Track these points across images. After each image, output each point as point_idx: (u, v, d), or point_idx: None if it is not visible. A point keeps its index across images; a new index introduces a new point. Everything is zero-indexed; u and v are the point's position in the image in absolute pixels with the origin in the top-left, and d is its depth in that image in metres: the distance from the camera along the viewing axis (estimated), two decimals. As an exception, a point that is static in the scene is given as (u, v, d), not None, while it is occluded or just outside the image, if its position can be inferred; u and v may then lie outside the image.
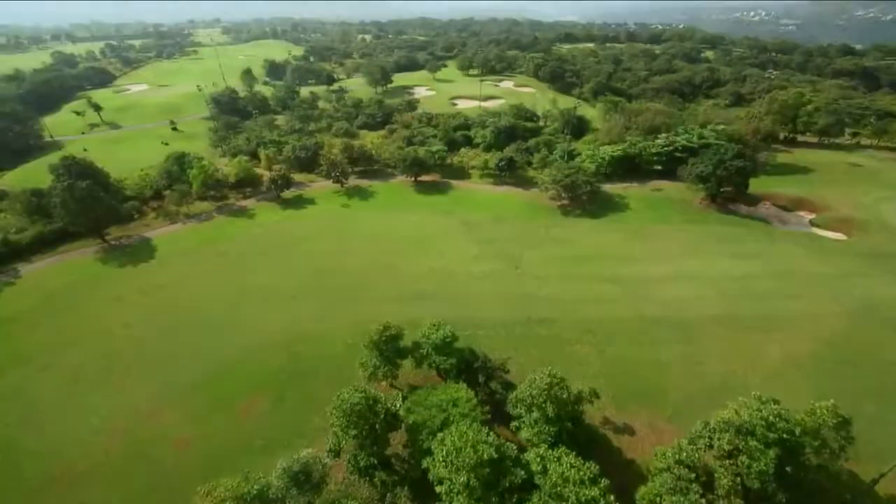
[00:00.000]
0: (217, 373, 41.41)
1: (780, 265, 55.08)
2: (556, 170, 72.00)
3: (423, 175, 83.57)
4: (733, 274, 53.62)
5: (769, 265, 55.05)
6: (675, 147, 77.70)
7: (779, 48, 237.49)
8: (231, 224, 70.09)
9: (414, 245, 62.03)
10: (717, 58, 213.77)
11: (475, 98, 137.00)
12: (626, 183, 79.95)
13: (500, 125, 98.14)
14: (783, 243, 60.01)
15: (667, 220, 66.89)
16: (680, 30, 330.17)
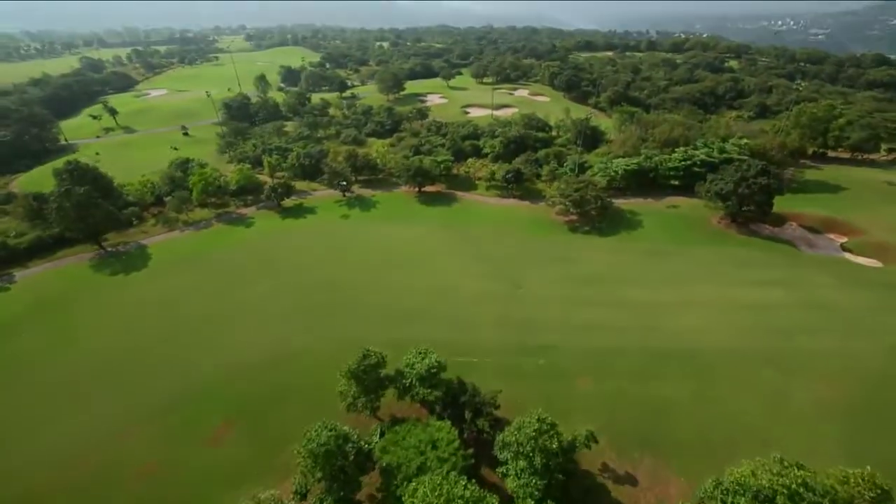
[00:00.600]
0: (193, 394, 39.29)
1: (806, 295, 50.35)
2: (564, 183, 68.62)
3: (427, 185, 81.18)
4: (753, 303, 49.17)
5: (794, 294, 50.38)
6: (694, 161, 73.41)
7: (808, 58, 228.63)
8: (228, 233, 68.79)
9: (412, 260, 59.40)
10: (742, 67, 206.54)
11: (488, 107, 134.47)
12: (639, 198, 75.90)
13: (509, 135, 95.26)
14: (810, 270, 55.15)
15: (682, 241, 62.65)
16: (703, 39, 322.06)
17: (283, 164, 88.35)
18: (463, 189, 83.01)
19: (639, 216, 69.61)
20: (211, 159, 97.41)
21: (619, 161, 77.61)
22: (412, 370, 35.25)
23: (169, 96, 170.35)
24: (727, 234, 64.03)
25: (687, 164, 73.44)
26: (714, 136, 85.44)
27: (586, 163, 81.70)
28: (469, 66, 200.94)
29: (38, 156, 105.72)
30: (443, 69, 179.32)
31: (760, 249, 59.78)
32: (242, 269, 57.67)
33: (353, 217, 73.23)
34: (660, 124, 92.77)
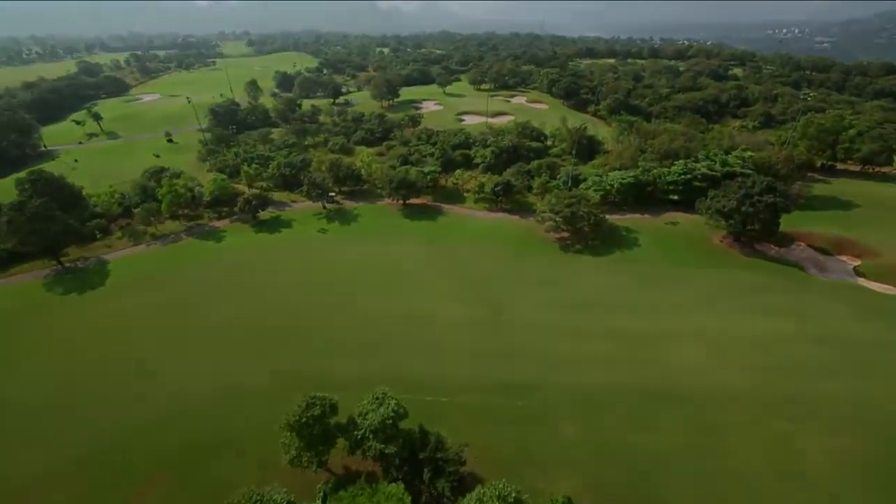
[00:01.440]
0: (120, 441, 34.74)
1: (818, 326, 45.53)
2: (555, 198, 64.16)
3: (412, 198, 76.92)
4: (759, 336, 44.39)
5: (804, 326, 45.56)
6: (694, 175, 68.82)
7: (813, 66, 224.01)
8: (196, 248, 64.64)
9: (387, 281, 54.97)
10: (746, 75, 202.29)
11: (484, 114, 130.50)
12: (636, 214, 71.31)
13: (502, 144, 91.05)
14: (822, 297, 50.29)
15: (681, 262, 57.92)
16: (707, 46, 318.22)
17: (263, 174, 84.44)
18: (450, 201, 78.70)
19: (635, 234, 64.98)
20: (191, 167, 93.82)
21: (614, 174, 73.16)
22: (365, 420, 30.71)
23: (160, 101, 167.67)
24: (730, 255, 59.25)
25: (687, 178, 68.89)
26: (716, 147, 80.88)
27: (581, 175, 77.26)
28: (468, 72, 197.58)
29: (16, 163, 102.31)
30: (440, 75, 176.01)
31: (766, 273, 54.95)
32: (203, 290, 53.38)
33: (330, 232, 68.98)
34: (660, 134, 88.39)
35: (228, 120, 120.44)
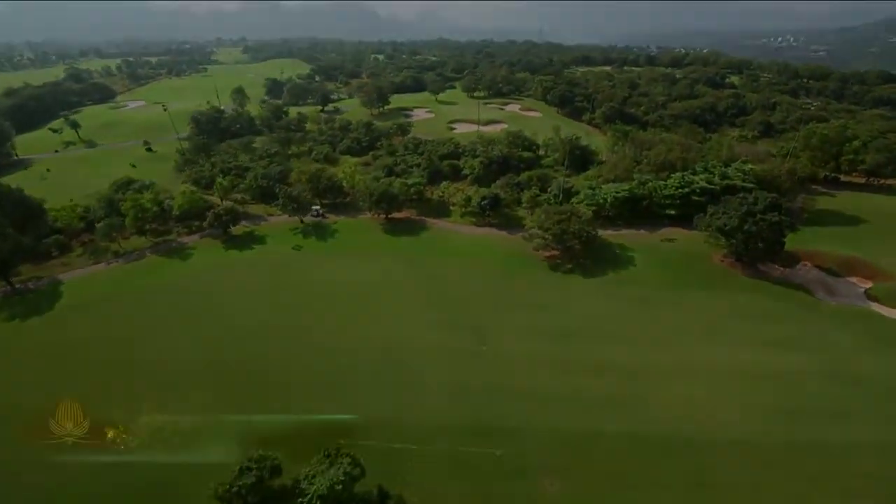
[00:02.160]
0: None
1: (829, 360, 41.35)
2: (544, 213, 60.09)
3: (395, 212, 72.84)
4: (766, 372, 40.17)
5: (815, 359, 41.37)
6: (693, 189, 64.95)
7: (811, 74, 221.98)
8: (160, 267, 60.23)
9: (362, 305, 50.61)
10: (744, 83, 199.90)
11: (475, 122, 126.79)
12: (631, 229, 67.33)
13: (491, 154, 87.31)
14: (832, 325, 46.17)
15: (679, 284, 53.78)
16: (703, 54, 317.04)
17: (240, 186, 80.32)
18: (436, 215, 74.59)
19: (629, 252, 60.89)
20: (166, 178, 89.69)
21: (608, 187, 69.25)
22: (311, 485, 26.30)
23: (145, 108, 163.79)
24: (731, 276, 55.16)
25: (684, 191, 65.00)
26: (715, 158, 77.18)
27: (573, 188, 73.34)
28: (462, 79, 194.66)
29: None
30: (433, 82, 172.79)
31: (771, 297, 50.83)
32: (158, 316, 48.86)
33: (306, 248, 64.68)
34: (656, 144, 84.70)
35: (212, 128, 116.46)
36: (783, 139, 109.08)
